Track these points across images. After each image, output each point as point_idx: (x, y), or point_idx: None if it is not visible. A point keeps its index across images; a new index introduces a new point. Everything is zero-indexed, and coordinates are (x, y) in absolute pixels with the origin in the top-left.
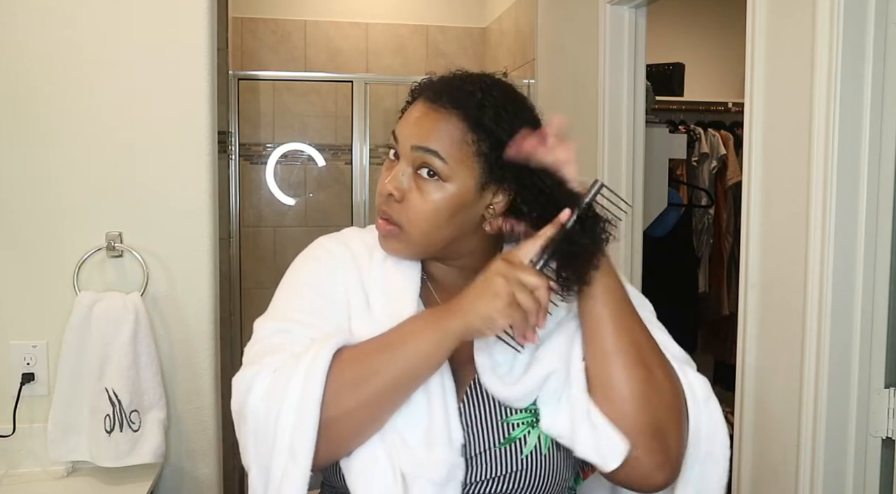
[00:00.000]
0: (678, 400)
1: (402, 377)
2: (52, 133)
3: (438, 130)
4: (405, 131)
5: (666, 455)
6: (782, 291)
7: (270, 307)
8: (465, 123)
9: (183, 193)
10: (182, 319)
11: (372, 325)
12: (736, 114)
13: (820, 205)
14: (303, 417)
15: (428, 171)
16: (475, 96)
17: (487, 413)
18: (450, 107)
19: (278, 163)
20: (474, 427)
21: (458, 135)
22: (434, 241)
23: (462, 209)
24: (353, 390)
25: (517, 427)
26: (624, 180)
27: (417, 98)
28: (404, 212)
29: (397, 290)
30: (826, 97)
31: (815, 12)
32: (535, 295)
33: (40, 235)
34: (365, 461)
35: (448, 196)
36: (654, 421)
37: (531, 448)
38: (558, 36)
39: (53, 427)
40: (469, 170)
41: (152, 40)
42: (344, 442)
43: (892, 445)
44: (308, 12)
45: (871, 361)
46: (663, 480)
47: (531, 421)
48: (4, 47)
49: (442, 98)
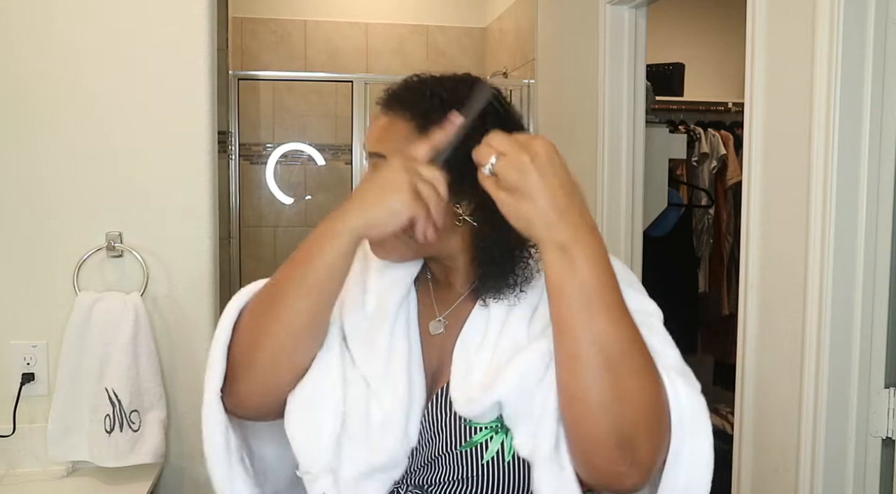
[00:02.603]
0: (653, 411)
1: (310, 290)
2: (52, 133)
3: (389, 133)
4: (367, 140)
5: (632, 465)
6: (782, 291)
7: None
8: (412, 122)
9: (183, 193)
10: (182, 319)
11: (362, 322)
12: (736, 114)
13: (820, 205)
14: (214, 345)
15: None
16: (423, 95)
17: (453, 414)
18: (398, 109)
19: (278, 163)
20: (438, 426)
21: (407, 135)
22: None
23: None
24: (264, 313)
25: (480, 431)
26: (624, 180)
27: (377, 105)
28: None
29: (390, 283)
30: (826, 97)
31: (815, 12)
32: (435, 187)
33: (40, 235)
34: (313, 395)
35: None
36: (618, 432)
37: (492, 454)
38: (558, 36)
39: (53, 427)
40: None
41: (152, 40)
42: (268, 371)
43: (892, 445)
44: (308, 12)
45: (871, 361)
46: (631, 486)
47: (495, 427)
48: (4, 47)
49: (392, 102)
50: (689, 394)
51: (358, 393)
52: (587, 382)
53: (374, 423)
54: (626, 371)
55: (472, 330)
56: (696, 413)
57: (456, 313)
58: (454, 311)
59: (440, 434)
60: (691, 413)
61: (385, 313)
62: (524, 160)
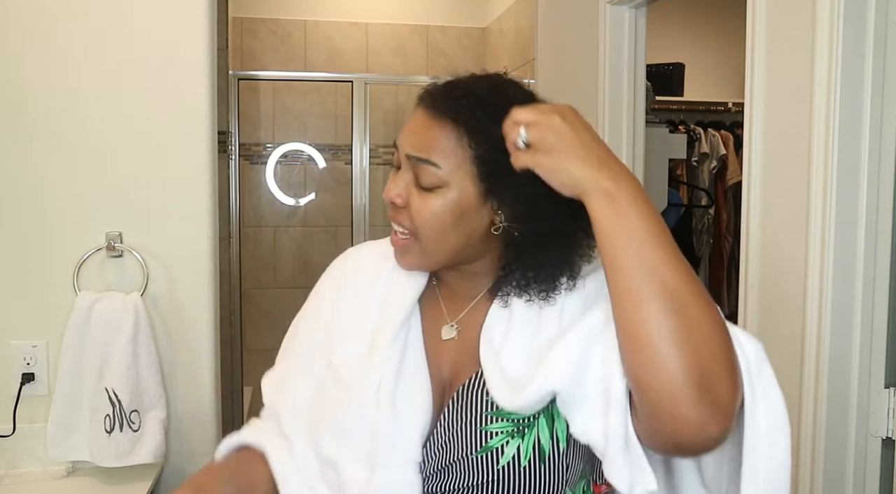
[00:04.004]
0: (723, 344)
1: None
2: (52, 133)
3: (432, 139)
4: (403, 140)
5: (715, 406)
6: (782, 291)
7: (284, 341)
8: (457, 129)
9: (183, 193)
10: (182, 319)
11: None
12: (736, 114)
13: (820, 205)
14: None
15: (426, 179)
16: (466, 100)
17: (468, 419)
18: (443, 113)
19: (278, 163)
20: (453, 433)
21: (452, 142)
22: (444, 248)
23: (466, 215)
24: None
25: (496, 436)
26: None
27: (418, 106)
28: (410, 217)
29: (394, 300)
30: (826, 97)
31: (815, 12)
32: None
33: (40, 235)
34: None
35: (449, 202)
36: (696, 369)
37: (508, 459)
38: (558, 36)
39: (53, 427)
40: (468, 176)
41: (152, 40)
42: None
43: (892, 445)
44: (308, 12)
45: (871, 361)
46: (717, 434)
47: (511, 431)
48: (4, 47)
49: (437, 105)
50: (748, 338)
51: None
52: (651, 315)
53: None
54: (689, 301)
55: (494, 329)
56: (759, 358)
57: (469, 317)
58: (467, 315)
59: (453, 440)
60: (755, 356)
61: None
62: (555, 120)
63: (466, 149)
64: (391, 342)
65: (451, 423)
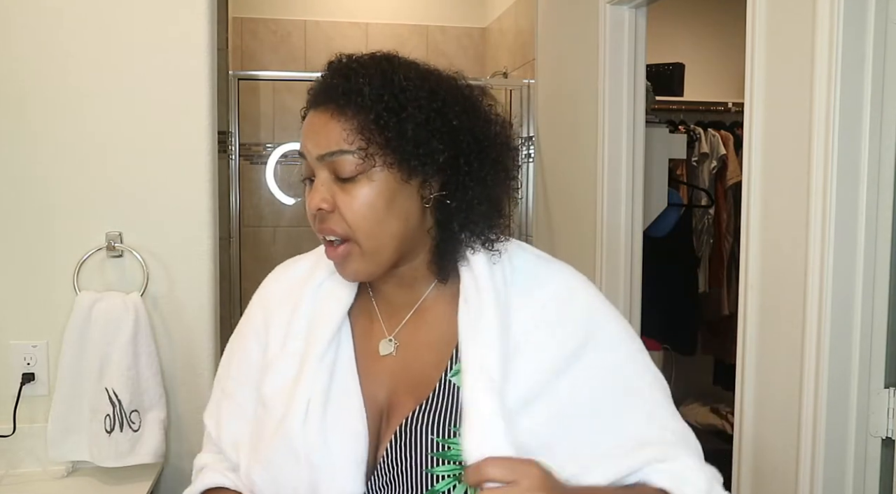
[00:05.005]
0: None
1: None
2: (52, 133)
3: (333, 130)
4: (307, 146)
5: None
6: (782, 291)
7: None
8: (351, 110)
9: (183, 193)
10: (182, 319)
11: (285, 359)
12: (736, 114)
13: (820, 205)
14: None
15: (346, 170)
16: (345, 80)
17: (412, 460)
18: (331, 103)
19: (278, 163)
20: (397, 472)
21: (354, 124)
22: (385, 240)
23: (396, 196)
24: None
25: (442, 480)
26: (624, 180)
27: (308, 110)
28: (342, 220)
29: (321, 316)
30: (826, 97)
31: (815, 12)
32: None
33: (40, 235)
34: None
35: (376, 186)
36: None
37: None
38: (558, 36)
39: (53, 427)
40: (384, 154)
41: (152, 40)
42: None
43: (892, 445)
44: (308, 12)
45: (871, 361)
46: None
47: (458, 474)
48: (4, 47)
49: (321, 100)
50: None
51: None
52: None
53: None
54: None
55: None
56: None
57: (408, 331)
58: (407, 329)
59: (397, 480)
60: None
61: (310, 359)
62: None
63: (370, 124)
64: (319, 360)
65: (395, 462)
